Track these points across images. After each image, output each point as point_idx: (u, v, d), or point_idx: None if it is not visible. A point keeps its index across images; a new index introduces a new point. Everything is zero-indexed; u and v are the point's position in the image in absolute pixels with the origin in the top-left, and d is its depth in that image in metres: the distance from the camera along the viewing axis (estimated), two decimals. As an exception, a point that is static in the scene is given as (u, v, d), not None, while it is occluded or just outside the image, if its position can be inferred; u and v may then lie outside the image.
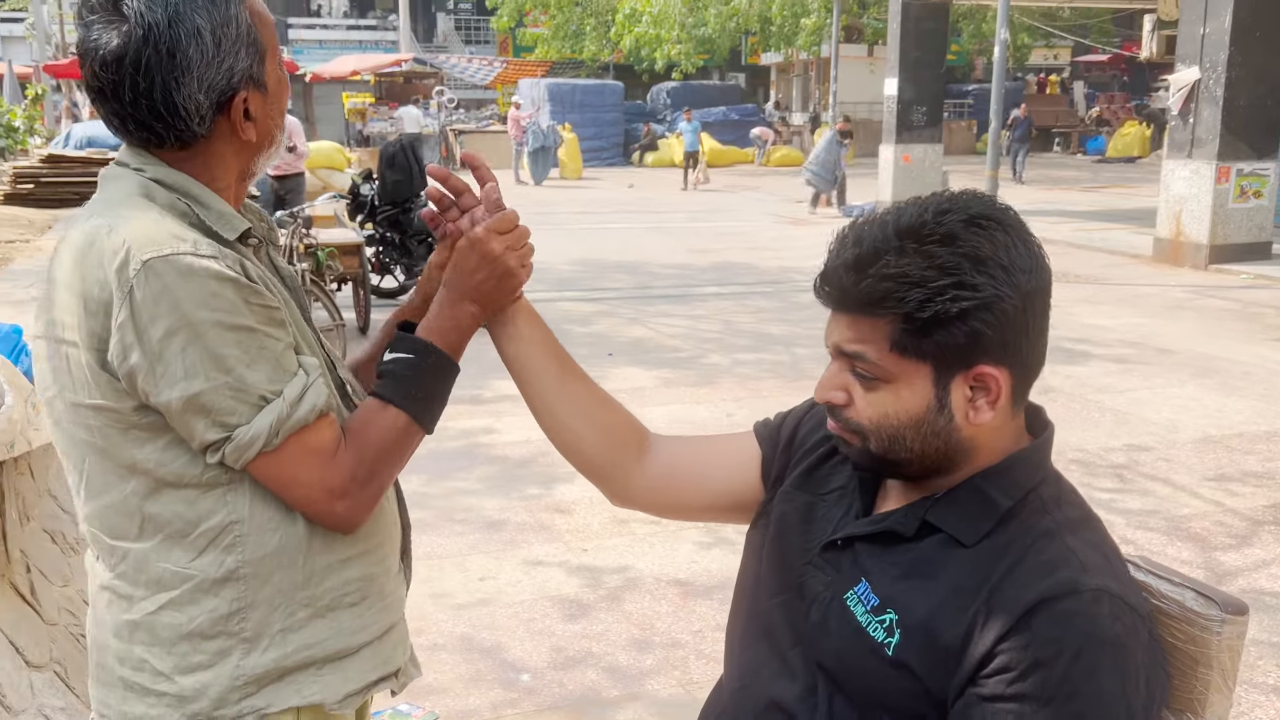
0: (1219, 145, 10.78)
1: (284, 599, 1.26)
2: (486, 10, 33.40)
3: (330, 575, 1.29)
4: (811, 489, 1.26)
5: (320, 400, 1.21)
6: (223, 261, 1.16)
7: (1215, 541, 4.22)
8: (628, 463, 1.40)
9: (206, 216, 1.24)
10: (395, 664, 1.38)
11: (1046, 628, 0.98)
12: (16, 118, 19.55)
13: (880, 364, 1.09)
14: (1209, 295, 9.71)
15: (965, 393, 1.08)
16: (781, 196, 19.73)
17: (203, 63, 1.19)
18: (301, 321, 1.33)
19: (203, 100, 1.21)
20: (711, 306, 9.28)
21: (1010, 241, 1.06)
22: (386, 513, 1.38)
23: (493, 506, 4.55)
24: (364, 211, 8.93)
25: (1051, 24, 26.62)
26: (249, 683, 1.25)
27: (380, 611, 1.35)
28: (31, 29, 30.81)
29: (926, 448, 1.10)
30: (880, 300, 1.06)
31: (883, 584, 1.10)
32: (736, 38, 29.79)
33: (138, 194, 1.23)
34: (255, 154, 1.31)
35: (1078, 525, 1.08)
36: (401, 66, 29.56)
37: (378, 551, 1.35)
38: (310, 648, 1.28)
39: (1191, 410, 6.04)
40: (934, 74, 16.46)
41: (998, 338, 1.05)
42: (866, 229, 1.09)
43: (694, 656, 3.32)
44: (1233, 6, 10.46)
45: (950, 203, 1.08)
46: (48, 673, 2.23)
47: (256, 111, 1.27)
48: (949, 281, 1.03)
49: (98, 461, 1.23)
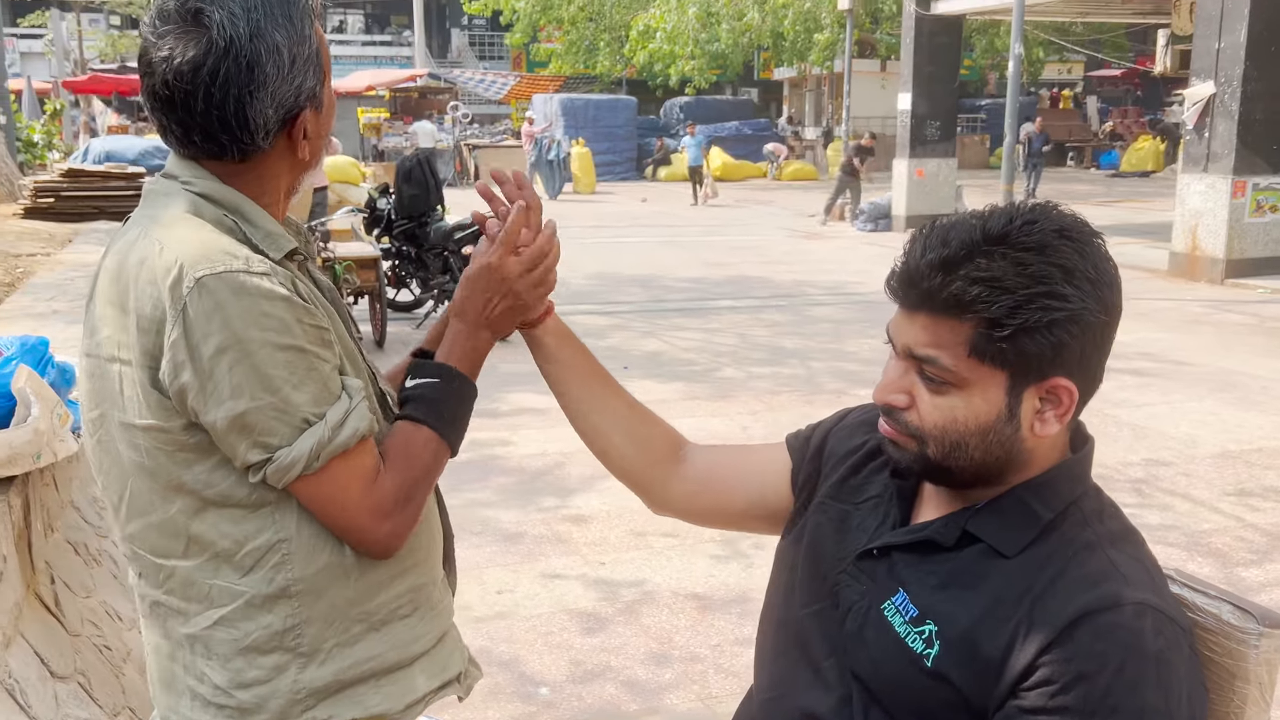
0: (1235, 160, 10.75)
1: (339, 614, 1.26)
2: (501, 26, 33.57)
3: (382, 590, 1.29)
4: (845, 498, 1.26)
5: (363, 425, 1.20)
6: (275, 279, 1.16)
7: (1236, 557, 4.19)
8: (665, 473, 1.42)
9: (253, 234, 1.24)
10: (454, 669, 1.39)
11: (1089, 641, 0.97)
12: (36, 133, 19.72)
13: (954, 369, 1.07)
14: (1226, 309, 9.67)
15: (1035, 404, 1.07)
16: (795, 211, 19.73)
17: (277, 79, 1.20)
18: (346, 335, 1.33)
19: (271, 115, 1.21)
20: (726, 320, 9.28)
21: (1097, 255, 1.06)
22: (431, 522, 1.39)
23: (509, 519, 4.56)
24: (380, 225, 8.97)
25: (1065, 39, 26.61)
26: (309, 695, 1.26)
27: (432, 620, 1.36)
28: (51, 45, 31.12)
29: (988, 456, 1.09)
30: (969, 304, 1.04)
31: (921, 594, 1.10)
32: (749, 53, 29.85)
33: (187, 210, 1.23)
34: (303, 171, 1.32)
35: (1119, 539, 1.08)
36: (416, 82, 29.76)
37: (426, 563, 1.36)
38: (368, 661, 1.28)
39: (1210, 425, 6.01)
40: (947, 89, 16.47)
41: (1079, 351, 1.05)
42: (953, 231, 1.07)
43: (713, 670, 3.31)
44: (1248, 21, 10.44)
45: (1036, 213, 1.07)
46: (71, 683, 2.24)
47: (313, 130, 1.28)
48: (1041, 290, 1.02)
49: (144, 481, 1.23)
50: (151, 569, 1.27)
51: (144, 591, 1.30)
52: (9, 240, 8.17)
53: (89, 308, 1.27)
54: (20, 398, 2.19)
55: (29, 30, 37.46)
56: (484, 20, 38.31)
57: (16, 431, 2.19)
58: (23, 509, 2.30)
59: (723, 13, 25.33)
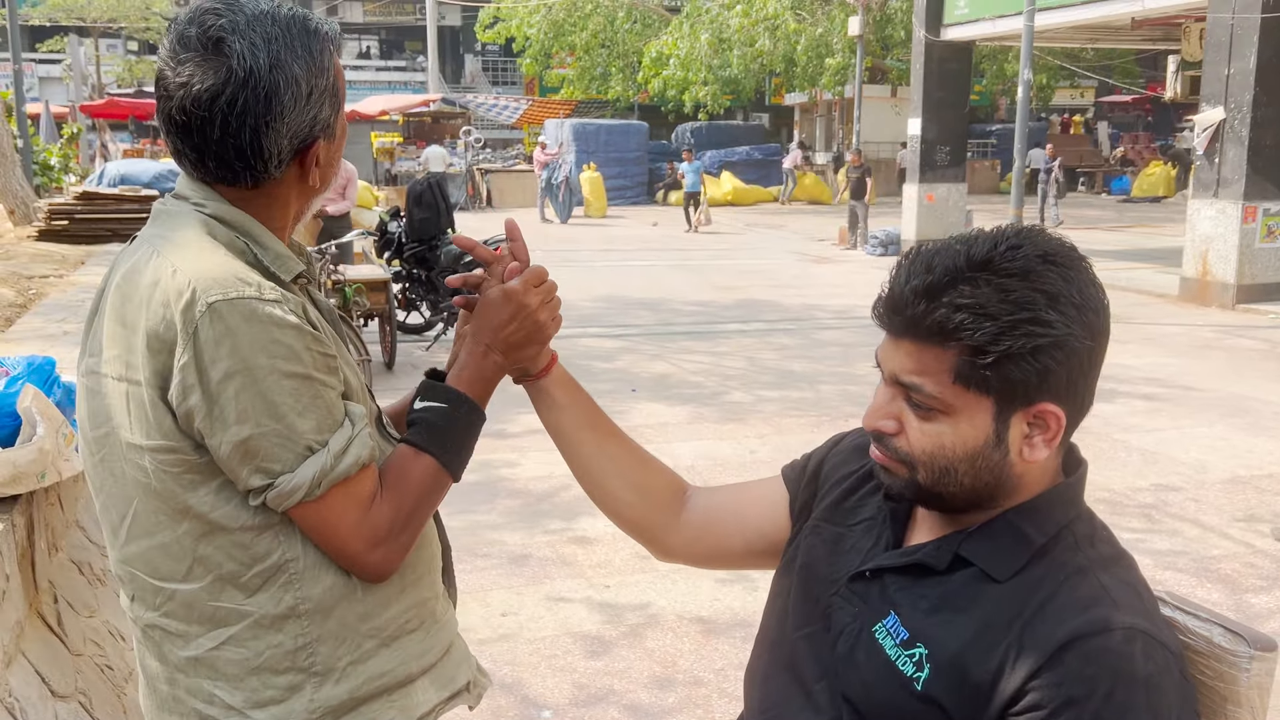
0: (1245, 185, 10.74)
1: (349, 632, 1.27)
2: (514, 53, 33.81)
3: (390, 605, 1.30)
4: (839, 520, 1.26)
5: (364, 453, 1.21)
6: (285, 306, 1.18)
7: (1245, 583, 4.15)
8: (667, 520, 1.42)
9: (264, 256, 1.25)
10: (462, 679, 1.40)
11: (1079, 665, 0.97)
12: (53, 156, 19.91)
13: (940, 396, 1.07)
14: (1237, 335, 9.63)
15: (1023, 429, 1.07)
16: (805, 235, 19.77)
17: (294, 110, 1.21)
18: (346, 355, 1.35)
19: (285, 145, 1.23)
20: (734, 343, 9.28)
21: (1082, 280, 1.05)
22: (430, 537, 1.40)
23: (515, 541, 4.55)
24: (391, 248, 9.02)
25: (1075, 64, 26.66)
26: (325, 714, 1.26)
27: (438, 633, 1.38)
28: (68, 70, 31.45)
29: (977, 482, 1.09)
30: (952, 331, 1.04)
31: (912, 617, 1.09)
32: (761, 79, 30.01)
33: (201, 231, 1.24)
34: (312, 197, 1.34)
35: (1110, 563, 1.07)
36: (430, 106, 29.94)
37: (428, 577, 1.38)
38: (381, 677, 1.29)
39: (1220, 450, 5.97)
40: (957, 114, 16.52)
41: (1065, 376, 1.04)
42: (937, 257, 1.07)
43: (716, 695, 3.29)
44: (1257, 47, 10.46)
45: (1021, 238, 1.07)
46: (73, 703, 2.24)
47: (324, 159, 1.29)
48: (1024, 317, 1.02)
49: (149, 502, 1.23)
50: (148, 591, 1.26)
51: (137, 614, 1.30)
52: (22, 262, 8.24)
53: (92, 325, 1.27)
54: (26, 417, 2.20)
55: (47, 55, 37.90)
56: (497, 47, 38.59)
57: (21, 450, 2.20)
58: (26, 528, 2.31)
59: (735, 39, 25.47)
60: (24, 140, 17.09)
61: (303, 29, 1.23)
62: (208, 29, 1.19)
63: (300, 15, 1.24)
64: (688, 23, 26.62)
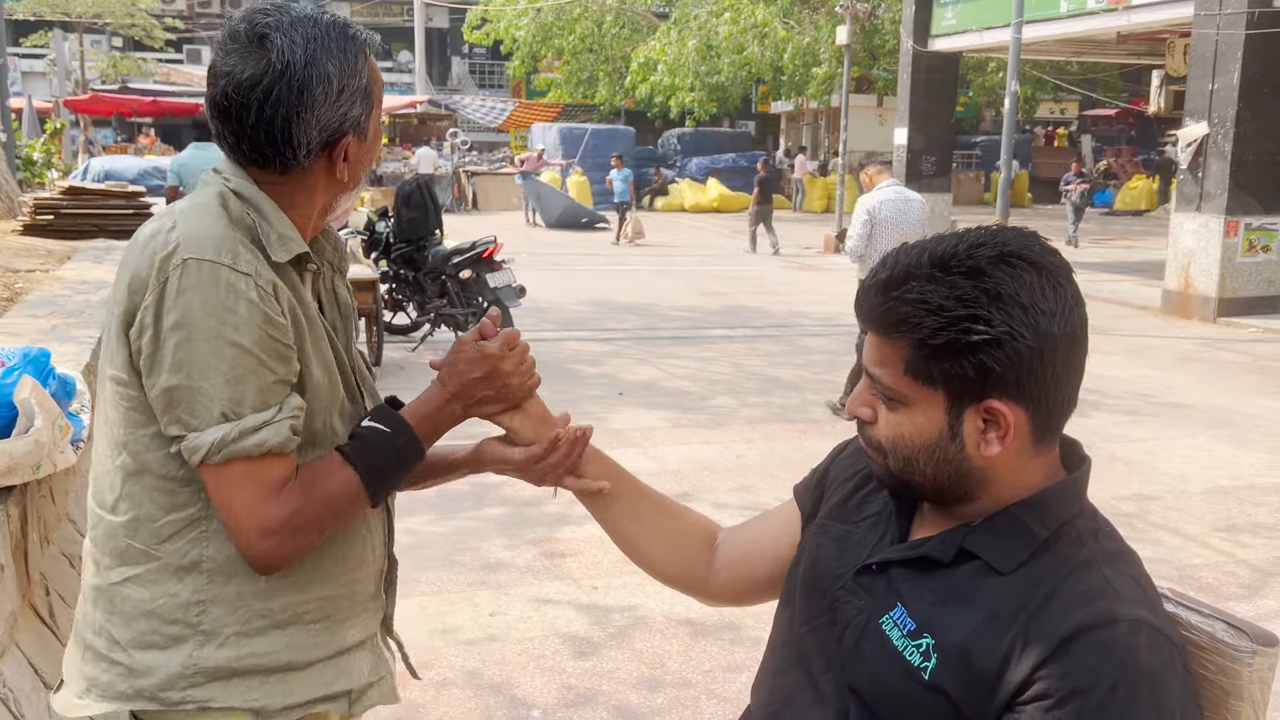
0: (1227, 199, 10.86)
1: (243, 603, 1.31)
2: (501, 55, 33.78)
3: (289, 592, 1.34)
4: (845, 517, 1.28)
5: (274, 440, 1.25)
6: (255, 281, 1.25)
7: (1225, 592, 4.20)
8: (703, 569, 1.47)
9: (267, 233, 1.32)
10: (346, 685, 1.40)
11: (1084, 656, 0.99)
12: (36, 151, 19.76)
13: (894, 386, 1.11)
14: (1218, 348, 9.72)
15: (977, 424, 1.09)
16: (790, 243, 19.82)
17: (325, 104, 1.30)
18: (340, 349, 1.41)
19: (315, 137, 1.31)
20: (720, 349, 9.31)
21: (1039, 283, 1.06)
22: (360, 540, 1.42)
23: (502, 543, 4.55)
24: (379, 248, 9.00)
25: (1060, 77, 26.86)
26: (198, 674, 1.30)
27: (338, 633, 1.40)
28: (52, 65, 31.24)
29: (939, 474, 1.12)
30: (897, 324, 1.09)
31: (919, 609, 1.11)
32: (748, 86, 30.06)
33: (215, 201, 1.32)
34: (341, 193, 1.41)
35: (1114, 557, 1.09)
36: (416, 108, 29.89)
37: (346, 576, 1.40)
38: (263, 656, 1.33)
39: (1202, 461, 6.03)
40: (944, 124, 16.65)
41: (1010, 375, 1.06)
42: (905, 255, 1.11)
43: (705, 696, 3.30)
44: (1241, 64, 10.58)
45: (988, 237, 1.10)
46: (64, 695, 2.23)
47: (354, 156, 1.37)
48: (964, 313, 1.05)
49: (103, 429, 1.33)
50: (91, 515, 1.36)
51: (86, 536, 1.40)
52: (7, 256, 8.15)
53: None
54: (24, 409, 2.20)
55: (31, 50, 37.62)
56: (484, 49, 38.52)
57: (18, 442, 2.19)
58: (20, 520, 2.30)
59: (723, 46, 25.53)
60: (7, 135, 16.96)
61: (341, 33, 1.33)
62: (255, 25, 1.30)
63: (341, 22, 1.34)
64: (676, 29, 26.66)
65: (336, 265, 1.49)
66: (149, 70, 37.64)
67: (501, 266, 8.30)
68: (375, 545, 1.45)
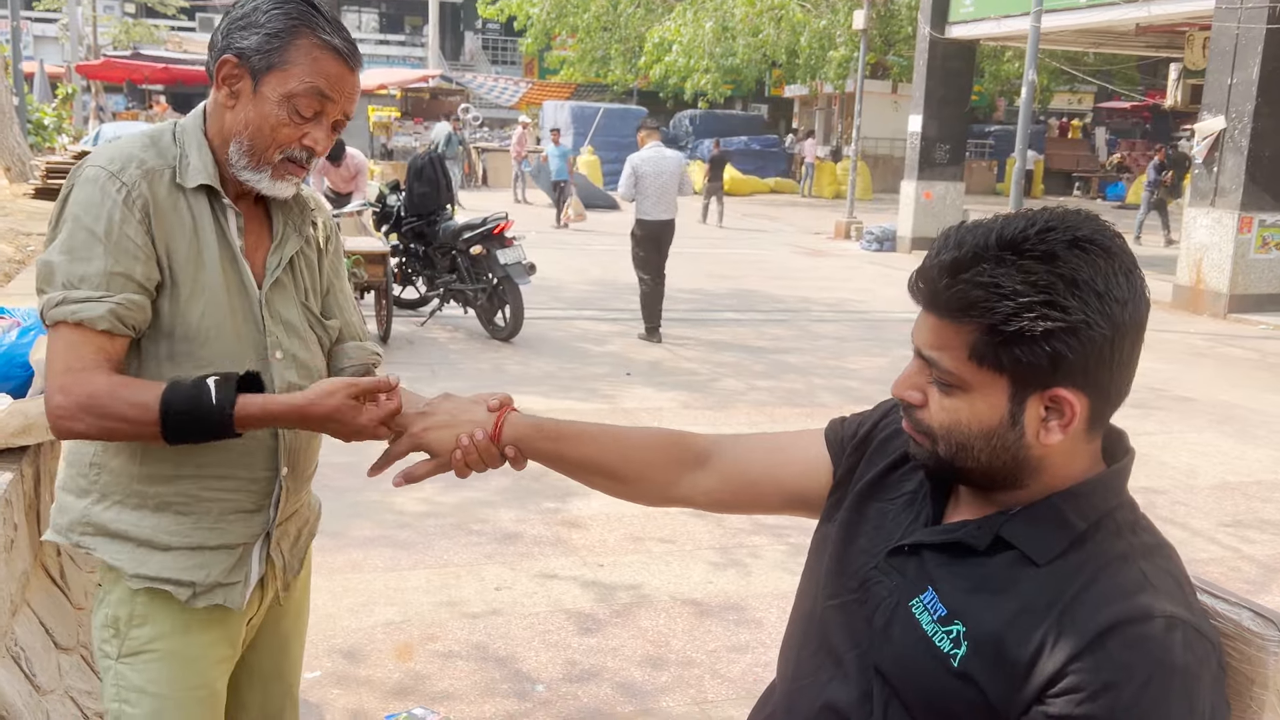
0: (1242, 195, 10.79)
1: (126, 479, 1.54)
2: (514, 32, 33.63)
3: (160, 483, 1.54)
4: (881, 494, 1.26)
5: (88, 314, 1.41)
6: (127, 188, 1.45)
7: (1231, 588, 4.15)
8: (673, 478, 1.44)
9: (184, 161, 1.53)
10: (192, 577, 1.56)
11: (1119, 651, 0.97)
12: (47, 116, 19.74)
13: (956, 371, 1.08)
14: (1228, 344, 9.69)
15: (1040, 412, 1.07)
16: (799, 228, 19.78)
17: (229, 28, 1.52)
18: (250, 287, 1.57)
19: (214, 56, 1.53)
20: (729, 331, 9.29)
21: (1111, 269, 1.04)
22: (233, 455, 1.56)
23: (508, 518, 4.56)
24: (389, 222, 8.98)
25: (1076, 68, 26.68)
26: (88, 524, 1.55)
27: (203, 531, 1.57)
28: (65, 29, 31.16)
29: (994, 460, 1.09)
30: (967, 307, 1.05)
31: (951, 595, 1.10)
32: (763, 69, 29.91)
33: (154, 130, 1.58)
34: (230, 119, 1.53)
35: (1152, 551, 1.07)
36: (429, 83, 29.79)
37: (217, 484, 1.56)
38: (131, 527, 1.54)
39: (1210, 456, 6.02)
40: (958, 112, 16.53)
41: (1080, 363, 1.03)
42: (970, 234, 1.07)
43: (709, 675, 3.31)
44: (1261, 58, 10.49)
45: (1058, 220, 1.06)
46: (75, 656, 2.24)
47: (228, 75, 1.51)
48: (1040, 299, 1.02)
49: None
50: None
51: None
52: (19, 219, 8.18)
53: None
54: (39, 369, 2.19)
55: (43, 14, 37.53)
56: (498, 25, 38.41)
57: (33, 402, 2.19)
58: (34, 480, 2.31)
59: (739, 28, 25.39)
60: (19, 99, 16.93)
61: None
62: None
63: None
64: (692, 9, 26.51)
65: (300, 229, 1.65)
66: (161, 38, 37.55)
67: (512, 243, 8.28)
68: (254, 465, 1.58)
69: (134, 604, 1.55)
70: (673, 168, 8.53)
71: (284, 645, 1.81)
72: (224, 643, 1.62)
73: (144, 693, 1.54)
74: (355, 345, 1.75)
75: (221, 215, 1.54)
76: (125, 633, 1.56)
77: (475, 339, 8.47)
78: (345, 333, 1.75)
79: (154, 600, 1.55)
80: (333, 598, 3.66)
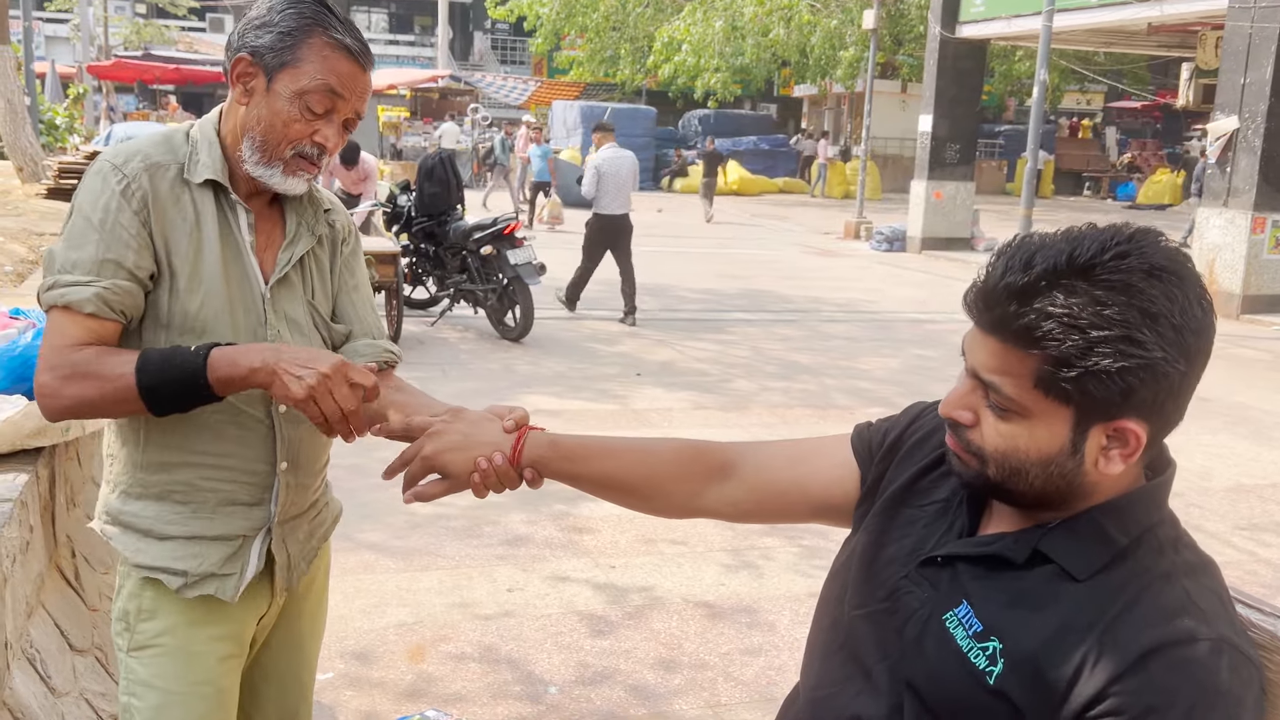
0: (1255, 195, 10.74)
1: (133, 468, 1.58)
2: (524, 32, 33.65)
3: (161, 471, 1.57)
4: (912, 501, 1.22)
5: (74, 297, 1.45)
6: (128, 180, 1.48)
7: (1247, 592, 4.15)
8: (707, 490, 1.37)
9: (195, 159, 1.55)
10: (184, 566, 1.57)
11: (1163, 674, 0.95)
12: (59, 116, 19.79)
13: (1018, 399, 1.03)
14: (1241, 345, 9.64)
15: (1101, 441, 1.03)
16: (809, 227, 19.75)
17: (246, 29, 1.54)
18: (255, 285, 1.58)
19: (230, 55, 1.55)
20: (739, 332, 9.28)
21: (1186, 299, 0.99)
22: (235, 441, 1.58)
23: (520, 520, 4.55)
24: (400, 222, 8.98)
25: (1087, 68, 26.61)
26: (107, 512, 1.62)
27: (201, 520, 1.59)
28: (76, 30, 31.26)
29: (1048, 485, 1.06)
30: (1039, 338, 1.00)
31: (987, 610, 1.06)
32: (772, 69, 29.87)
33: (170, 130, 1.61)
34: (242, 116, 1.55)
35: (1195, 570, 1.05)
36: (438, 83, 29.81)
37: (215, 472, 1.58)
38: (134, 516, 1.58)
39: (1224, 458, 5.99)
40: (968, 112, 16.48)
41: (1150, 397, 1.00)
42: (1039, 254, 1.02)
43: (722, 679, 3.30)
44: (1274, 57, 10.44)
45: (1132, 244, 1.01)
46: (89, 657, 2.24)
47: (242, 73, 1.53)
48: (1116, 334, 0.97)
49: None
50: None
51: None
52: (32, 219, 8.19)
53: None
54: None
55: (55, 15, 37.65)
56: (507, 25, 38.44)
57: (48, 403, 2.19)
58: (49, 482, 2.30)
59: (749, 28, 25.35)
60: (31, 99, 16.98)
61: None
62: None
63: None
64: (701, 9, 26.49)
65: (314, 229, 1.66)
66: (172, 38, 37.66)
67: (523, 243, 8.28)
68: (251, 457, 1.60)
69: (142, 598, 1.59)
70: (629, 166, 9.40)
71: (299, 646, 1.81)
72: (229, 640, 1.62)
73: (150, 686, 1.57)
74: (367, 343, 1.73)
75: (229, 211, 1.57)
76: (134, 626, 1.59)
77: (485, 339, 8.47)
78: (359, 331, 1.74)
79: (160, 595, 1.58)
80: (345, 599, 3.66)
